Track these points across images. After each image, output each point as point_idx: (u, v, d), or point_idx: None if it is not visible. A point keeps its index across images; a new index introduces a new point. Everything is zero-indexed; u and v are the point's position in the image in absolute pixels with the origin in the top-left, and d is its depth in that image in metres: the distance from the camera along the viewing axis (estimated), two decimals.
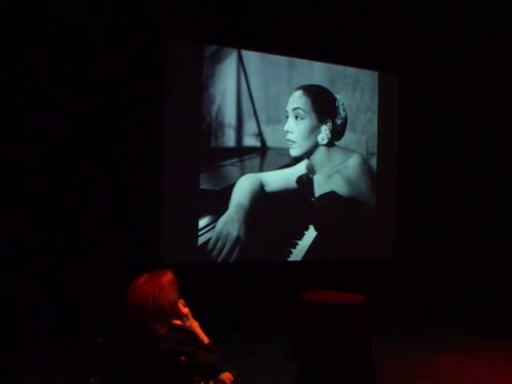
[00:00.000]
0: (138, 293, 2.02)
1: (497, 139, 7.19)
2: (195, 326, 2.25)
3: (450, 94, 7.11)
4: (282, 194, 6.24)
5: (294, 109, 6.29)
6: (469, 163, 7.19)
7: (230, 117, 5.98)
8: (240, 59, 6.06)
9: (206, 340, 2.25)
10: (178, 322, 2.20)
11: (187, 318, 2.24)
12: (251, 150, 6.11)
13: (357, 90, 6.76)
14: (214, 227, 5.81)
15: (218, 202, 5.87)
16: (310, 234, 6.42)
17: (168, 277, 2.10)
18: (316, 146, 6.42)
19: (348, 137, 6.66)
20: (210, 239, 5.80)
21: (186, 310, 2.25)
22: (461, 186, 7.14)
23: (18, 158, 4.95)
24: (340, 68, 6.65)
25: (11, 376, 3.85)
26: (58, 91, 5.11)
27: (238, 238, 5.92)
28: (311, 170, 6.43)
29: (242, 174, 6.04)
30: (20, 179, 4.95)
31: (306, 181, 6.39)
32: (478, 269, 7.04)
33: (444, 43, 6.97)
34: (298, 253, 6.33)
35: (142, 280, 2.06)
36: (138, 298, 2.01)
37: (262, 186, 6.12)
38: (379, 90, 6.90)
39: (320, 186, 6.49)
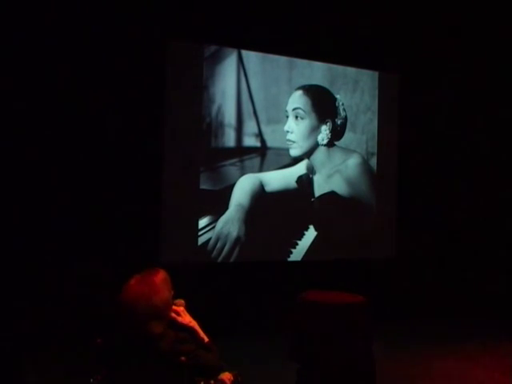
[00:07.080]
0: (130, 294, 2.01)
1: (497, 139, 7.19)
2: (194, 324, 2.25)
3: (449, 93, 7.11)
4: (282, 194, 6.23)
5: (294, 109, 6.29)
6: (469, 163, 7.20)
7: (229, 117, 5.98)
8: (240, 59, 6.06)
9: (205, 339, 2.24)
10: (179, 318, 2.21)
11: (184, 315, 2.24)
12: (251, 150, 6.11)
13: (357, 90, 6.76)
14: (214, 227, 5.81)
15: (218, 202, 5.86)
16: (310, 234, 6.41)
17: (160, 275, 2.09)
18: (316, 146, 6.42)
19: (348, 137, 6.66)
20: (210, 239, 5.80)
21: (180, 308, 2.25)
22: (461, 186, 7.15)
23: (19, 156, 4.95)
24: (340, 68, 6.65)
25: (12, 376, 3.85)
26: (58, 92, 5.11)
27: (238, 238, 5.92)
28: (311, 170, 6.43)
29: (242, 174, 6.04)
30: (20, 178, 4.95)
31: (306, 181, 6.39)
32: (478, 269, 7.05)
33: (444, 43, 6.96)
34: (298, 253, 6.32)
35: (133, 281, 2.04)
36: (131, 299, 2.00)
37: (261, 186, 6.12)
38: (379, 90, 6.90)
39: (320, 186, 6.49)
